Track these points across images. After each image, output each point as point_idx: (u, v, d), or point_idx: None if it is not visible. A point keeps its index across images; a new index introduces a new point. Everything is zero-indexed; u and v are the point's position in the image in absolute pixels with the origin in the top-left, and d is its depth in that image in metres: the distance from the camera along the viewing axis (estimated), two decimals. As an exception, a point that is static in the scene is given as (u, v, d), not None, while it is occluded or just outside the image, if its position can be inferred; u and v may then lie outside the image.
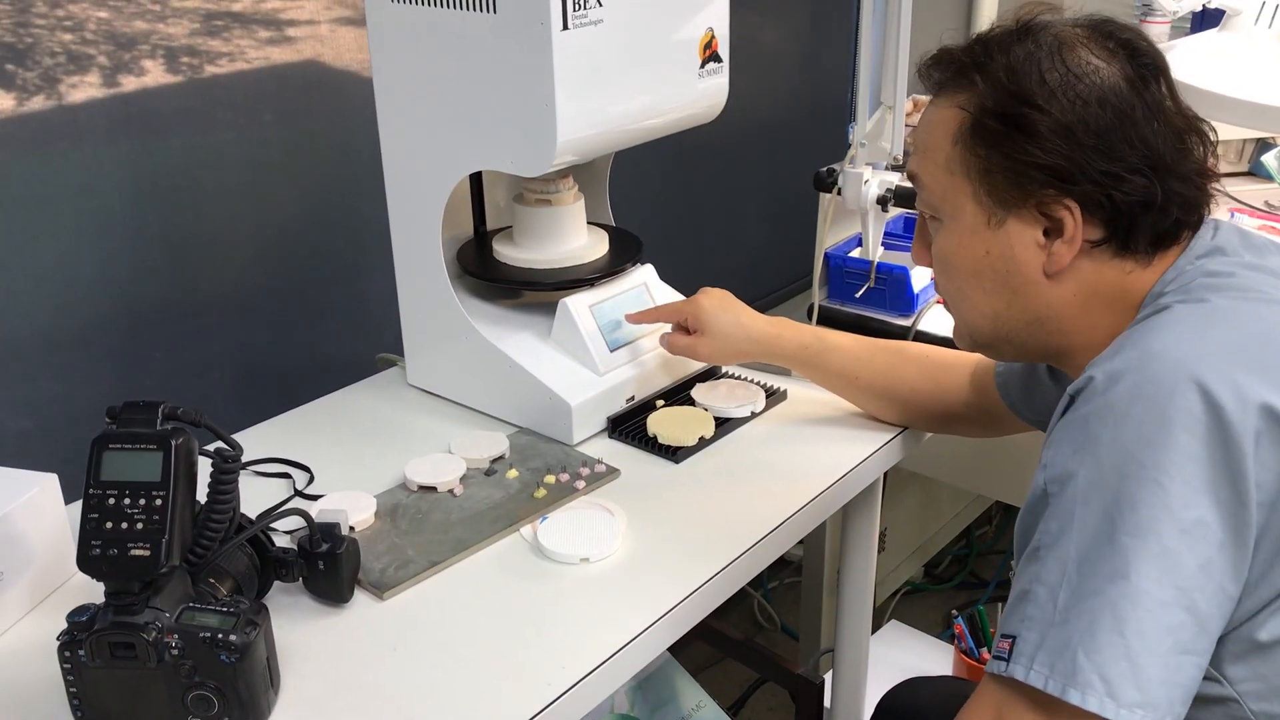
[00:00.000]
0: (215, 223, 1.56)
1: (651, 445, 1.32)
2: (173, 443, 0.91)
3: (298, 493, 1.26)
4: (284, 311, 1.68)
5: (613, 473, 1.27)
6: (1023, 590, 0.87)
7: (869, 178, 1.58)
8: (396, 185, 1.38)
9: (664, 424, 1.33)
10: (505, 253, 1.43)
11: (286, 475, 1.29)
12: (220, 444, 0.98)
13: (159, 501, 0.90)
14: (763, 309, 2.59)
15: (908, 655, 1.73)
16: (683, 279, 1.51)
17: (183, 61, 1.47)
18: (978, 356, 1.32)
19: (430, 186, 1.33)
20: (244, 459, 0.99)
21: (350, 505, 1.18)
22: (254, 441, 1.35)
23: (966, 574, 2.59)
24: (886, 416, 1.36)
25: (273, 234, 1.64)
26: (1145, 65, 0.94)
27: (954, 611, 1.62)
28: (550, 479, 1.25)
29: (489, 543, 1.16)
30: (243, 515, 1.04)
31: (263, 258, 1.64)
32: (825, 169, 1.68)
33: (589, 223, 1.47)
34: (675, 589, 1.08)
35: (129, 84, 1.42)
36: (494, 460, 1.29)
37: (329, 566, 1.05)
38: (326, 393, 1.49)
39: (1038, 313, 0.98)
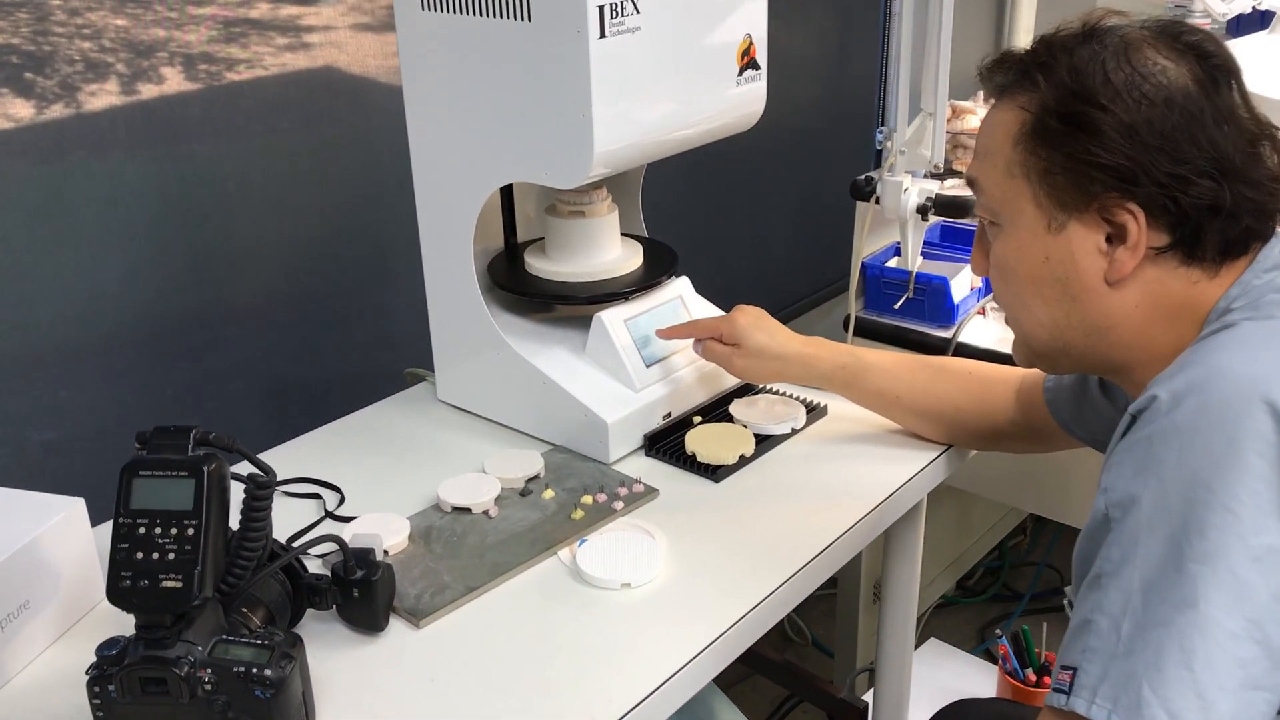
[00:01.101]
0: (239, 232, 1.54)
1: (690, 464, 1.28)
2: (205, 469, 0.88)
3: (328, 514, 1.22)
4: (309, 322, 1.65)
5: (651, 492, 1.24)
6: (1084, 619, 0.83)
7: (908, 186, 1.54)
8: (427, 197, 1.35)
9: (703, 442, 1.29)
10: (537, 265, 1.40)
11: (316, 496, 1.26)
12: (253, 469, 0.94)
13: (191, 531, 0.87)
14: (790, 316, 2.57)
15: (948, 675, 1.69)
16: (710, 287, 1.47)
17: (201, 69, 1.45)
18: (1024, 371, 1.28)
19: (462, 199, 1.30)
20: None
21: (383, 528, 1.15)
22: (283, 460, 1.32)
23: (999, 586, 2.55)
24: (930, 435, 1.32)
25: (297, 243, 1.62)
26: (1216, 67, 0.90)
27: (997, 631, 1.58)
28: (587, 499, 1.22)
29: (526, 567, 1.13)
30: (274, 541, 1.01)
31: (287, 267, 1.62)
32: (863, 177, 1.64)
33: (622, 234, 1.43)
34: (721, 615, 1.05)
35: (148, 92, 1.40)
36: (529, 480, 1.26)
37: (364, 594, 1.02)
38: (353, 405, 1.46)
39: (1098, 323, 0.95)
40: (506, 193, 1.44)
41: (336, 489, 1.27)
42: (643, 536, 1.16)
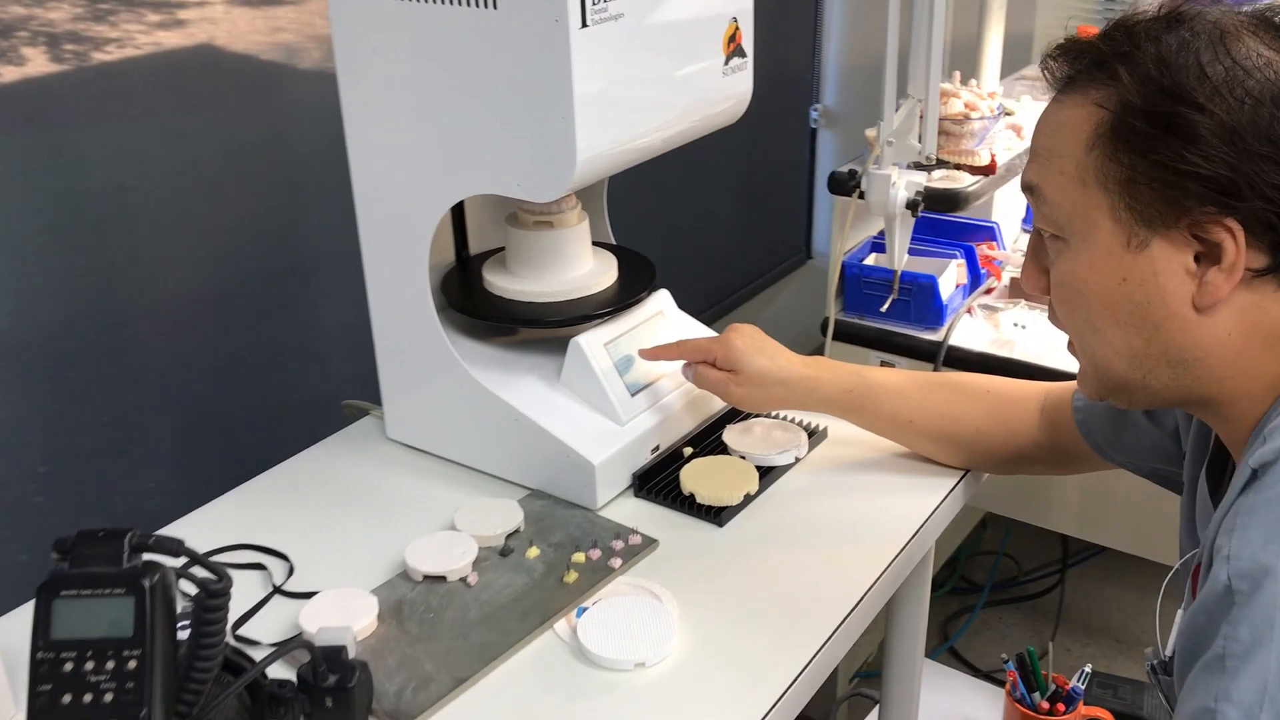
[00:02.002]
0: (137, 237, 1.37)
1: (689, 506, 1.14)
2: (145, 584, 0.70)
3: (277, 590, 1.05)
4: (226, 340, 1.47)
5: (650, 544, 1.09)
6: (1204, 708, 0.71)
7: (896, 179, 1.41)
8: (371, 211, 1.17)
9: (700, 479, 1.15)
10: (498, 283, 1.23)
11: (260, 566, 1.08)
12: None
13: (133, 664, 0.69)
14: (735, 305, 2.43)
15: (948, 699, 1.58)
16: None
17: (67, 49, 1.30)
18: (1048, 387, 1.17)
19: (414, 214, 1.13)
20: (205, 544, 0.78)
21: (348, 609, 0.98)
22: (214, 521, 1.15)
23: (957, 579, 2.47)
24: (946, 460, 1.20)
25: (204, 248, 1.44)
26: None
27: (1003, 656, 1.48)
28: (579, 557, 1.06)
29: (520, 647, 0.97)
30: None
31: (196, 276, 1.44)
32: (846, 169, 1.51)
33: (591, 243, 1.28)
34: (758, 694, 0.91)
35: (9, 74, 1.26)
36: (509, 536, 1.10)
37: (338, 703, 0.85)
38: (281, 438, 1.28)
39: (1184, 353, 0.82)
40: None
41: (283, 556, 1.09)
42: (650, 601, 1.01)
